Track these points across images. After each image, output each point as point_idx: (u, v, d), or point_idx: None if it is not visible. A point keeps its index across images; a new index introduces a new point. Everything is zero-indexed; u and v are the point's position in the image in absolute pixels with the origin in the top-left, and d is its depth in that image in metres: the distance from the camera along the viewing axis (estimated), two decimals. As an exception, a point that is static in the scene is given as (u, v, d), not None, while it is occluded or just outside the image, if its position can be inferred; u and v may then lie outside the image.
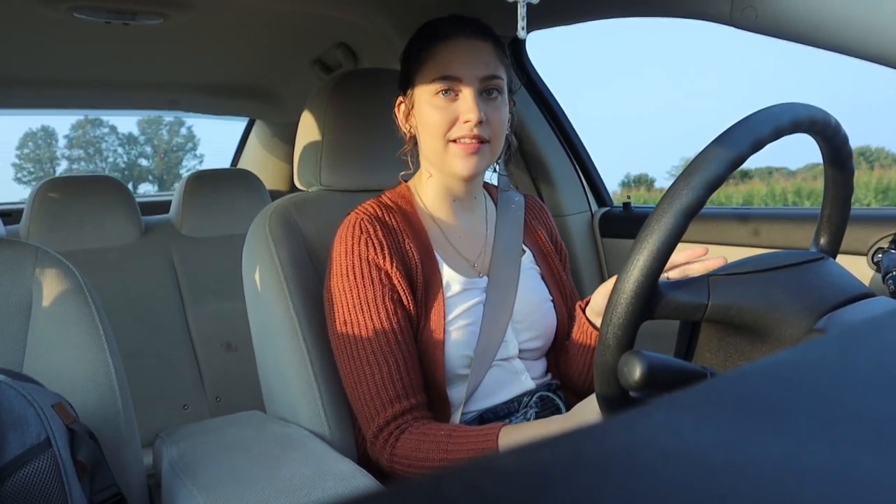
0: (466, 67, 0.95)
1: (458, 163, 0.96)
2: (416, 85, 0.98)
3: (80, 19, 1.37)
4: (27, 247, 0.99)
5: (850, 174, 0.81)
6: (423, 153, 1.02)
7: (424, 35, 0.99)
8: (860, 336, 0.30)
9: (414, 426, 0.92)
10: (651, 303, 0.64)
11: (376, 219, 0.98)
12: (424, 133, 0.98)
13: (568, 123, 1.64)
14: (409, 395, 0.93)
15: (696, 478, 0.18)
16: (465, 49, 0.96)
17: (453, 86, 0.95)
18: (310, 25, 1.62)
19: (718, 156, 0.63)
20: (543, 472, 0.18)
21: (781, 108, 0.68)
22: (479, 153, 0.96)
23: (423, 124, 0.98)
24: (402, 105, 1.02)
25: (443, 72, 0.95)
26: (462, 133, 0.95)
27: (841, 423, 0.21)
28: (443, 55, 0.95)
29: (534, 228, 1.14)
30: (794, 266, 0.72)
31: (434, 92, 0.95)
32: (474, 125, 0.94)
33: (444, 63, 0.95)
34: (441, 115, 0.95)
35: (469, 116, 0.93)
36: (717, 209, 1.43)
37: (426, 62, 0.97)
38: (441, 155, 0.97)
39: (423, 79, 0.97)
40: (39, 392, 0.78)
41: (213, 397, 1.80)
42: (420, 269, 0.98)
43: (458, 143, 0.95)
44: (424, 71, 0.97)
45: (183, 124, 9.94)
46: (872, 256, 1.11)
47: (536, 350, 1.05)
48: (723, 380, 0.26)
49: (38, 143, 5.99)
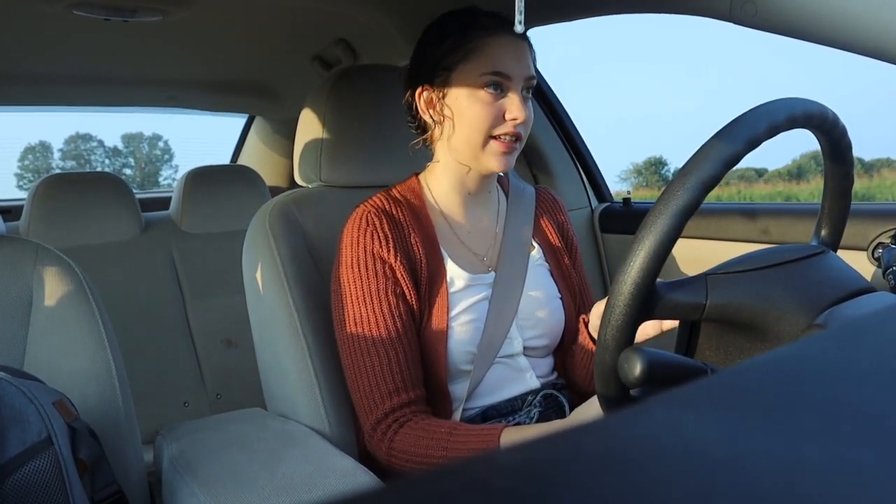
0: (517, 66, 0.95)
1: (493, 160, 0.96)
2: (457, 75, 0.96)
3: (80, 16, 1.37)
4: (27, 243, 0.99)
5: (850, 166, 0.81)
6: (455, 145, 0.99)
7: (461, 24, 0.97)
8: (860, 331, 0.30)
9: (413, 421, 0.92)
10: (649, 303, 0.64)
11: (383, 212, 0.98)
12: (463, 125, 0.96)
13: (568, 119, 1.64)
14: (409, 389, 0.93)
15: (697, 473, 0.18)
16: (515, 47, 0.96)
17: (502, 82, 0.94)
18: (309, 22, 1.62)
19: (713, 155, 0.63)
20: (544, 469, 0.18)
21: (776, 104, 0.68)
22: (514, 152, 0.97)
23: (464, 117, 0.96)
24: (424, 93, 1.00)
25: (494, 67, 0.94)
26: (506, 130, 0.95)
27: (841, 419, 0.21)
28: (494, 50, 0.94)
29: (545, 223, 1.13)
30: (794, 262, 0.71)
31: (481, 85, 0.94)
32: (519, 123, 0.94)
33: (496, 58, 0.94)
34: (487, 109, 0.94)
35: (518, 115, 0.94)
36: (718, 204, 1.43)
37: (473, 53, 0.95)
38: (477, 150, 0.96)
39: (468, 70, 0.95)
40: (40, 389, 0.78)
41: (214, 394, 1.80)
42: (424, 265, 0.98)
43: (498, 140, 0.95)
44: (470, 62, 0.95)
45: (160, 139, 11.13)
46: (873, 252, 1.11)
47: (542, 348, 1.04)
48: (723, 376, 0.26)
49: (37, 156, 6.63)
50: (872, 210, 1.14)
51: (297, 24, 1.63)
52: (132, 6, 1.36)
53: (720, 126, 0.65)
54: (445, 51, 0.97)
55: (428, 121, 1.01)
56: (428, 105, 1.00)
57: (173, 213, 1.96)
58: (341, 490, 0.83)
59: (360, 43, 1.68)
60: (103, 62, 1.84)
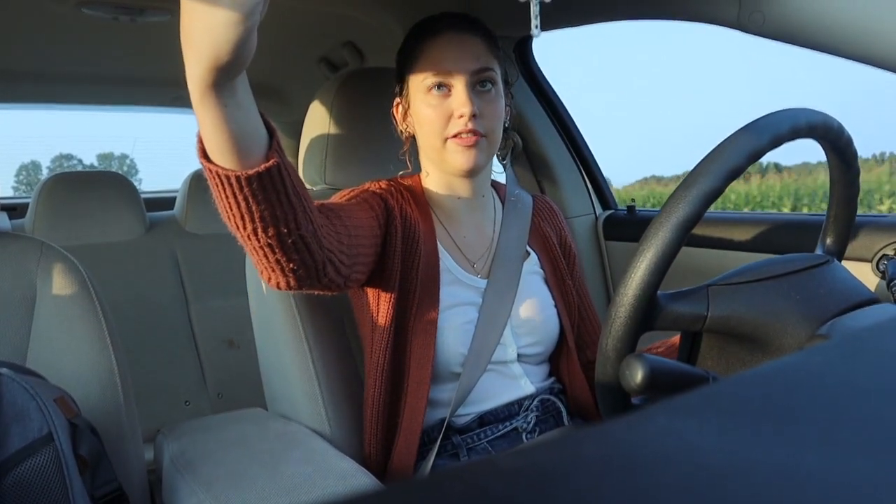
0: (456, 62, 0.94)
1: (456, 158, 0.96)
2: (410, 84, 0.98)
3: (88, 15, 1.37)
4: (32, 241, 0.99)
5: (856, 174, 0.81)
6: (423, 152, 1.02)
7: (415, 33, 0.99)
8: (863, 343, 0.30)
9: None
10: (650, 314, 0.64)
11: (393, 187, 1.01)
12: (421, 132, 0.98)
13: (573, 125, 1.63)
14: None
15: (697, 481, 0.18)
16: (455, 44, 0.95)
17: (445, 81, 0.94)
18: (316, 24, 1.62)
19: (715, 168, 0.63)
20: (544, 473, 0.18)
21: (779, 115, 0.68)
22: (477, 146, 0.95)
23: (420, 123, 0.98)
24: (399, 106, 1.02)
25: (433, 68, 0.94)
26: (458, 129, 0.94)
27: (843, 429, 0.21)
28: (433, 52, 0.95)
29: (542, 230, 1.12)
30: (797, 273, 0.71)
31: (427, 89, 0.95)
32: (468, 119, 0.93)
33: (435, 59, 0.95)
34: (436, 112, 0.95)
35: (462, 110, 0.93)
36: (721, 213, 1.42)
37: (418, 60, 0.96)
38: (440, 153, 0.97)
39: (416, 77, 0.96)
40: (42, 386, 0.78)
41: (215, 394, 1.81)
42: (422, 247, 0.98)
43: (455, 138, 0.95)
44: (416, 69, 0.96)
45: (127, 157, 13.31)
46: (877, 264, 1.10)
47: (537, 355, 1.03)
48: (724, 384, 0.26)
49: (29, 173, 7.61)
50: (878, 222, 1.13)
51: (304, 26, 1.63)
52: (140, 5, 1.37)
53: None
54: (402, 61, 1.00)
55: (404, 131, 1.03)
56: (403, 117, 1.02)
57: (178, 214, 1.96)
58: (341, 491, 0.83)
59: (366, 45, 1.68)
60: (110, 61, 1.84)
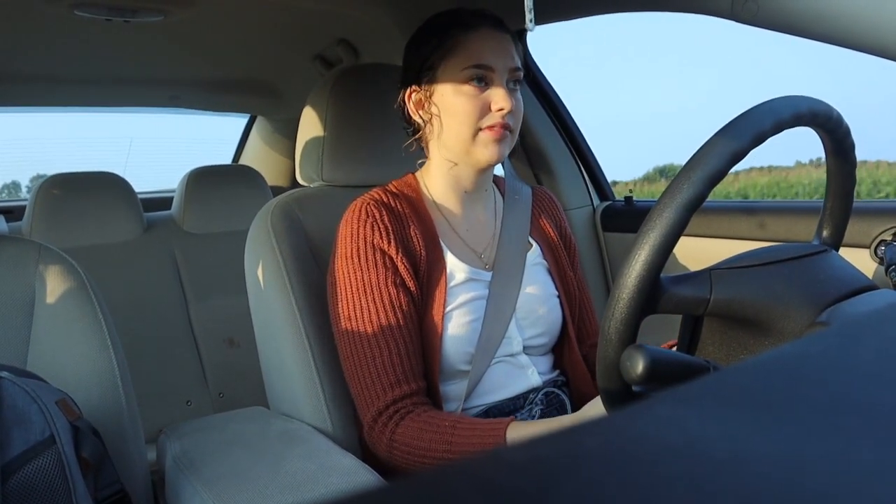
0: (498, 57, 0.95)
1: (485, 150, 0.96)
2: (441, 73, 0.98)
3: (81, 16, 1.37)
4: (30, 244, 0.99)
5: (853, 166, 0.80)
6: (445, 142, 1.00)
7: (444, 24, 0.98)
8: (863, 328, 0.30)
9: (415, 412, 0.91)
10: (653, 297, 0.64)
11: (382, 204, 0.99)
12: (451, 121, 0.97)
13: (569, 117, 1.63)
14: (411, 380, 0.92)
15: (699, 471, 0.18)
16: (495, 40, 0.96)
17: (486, 74, 0.95)
18: (311, 21, 1.62)
19: (719, 150, 0.63)
20: (547, 466, 0.18)
21: (782, 101, 0.68)
22: (505, 141, 0.97)
23: (451, 112, 0.97)
24: (414, 94, 1.01)
25: (475, 60, 0.95)
26: (493, 121, 0.95)
27: (844, 417, 0.21)
28: (473, 44, 0.95)
29: (542, 221, 1.13)
30: (796, 259, 0.71)
31: (464, 80, 0.95)
32: (506, 113, 0.94)
33: (476, 52, 0.95)
34: (473, 103, 0.95)
35: (502, 104, 0.94)
36: (721, 202, 1.42)
37: (452, 50, 0.96)
38: (467, 143, 0.97)
39: (451, 67, 0.96)
40: (43, 388, 0.78)
41: (216, 393, 1.81)
42: (424, 257, 0.98)
43: (488, 130, 0.96)
44: (452, 59, 0.96)
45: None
46: (875, 249, 1.10)
47: (542, 346, 1.04)
48: (725, 373, 0.26)
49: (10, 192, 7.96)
50: (875, 208, 1.13)
51: (299, 23, 1.63)
52: (133, 6, 1.36)
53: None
54: (430, 50, 0.98)
55: (419, 121, 1.02)
56: (417, 106, 1.01)
57: (175, 214, 1.96)
58: (344, 488, 0.83)
59: (361, 42, 1.68)
60: (105, 63, 1.84)
